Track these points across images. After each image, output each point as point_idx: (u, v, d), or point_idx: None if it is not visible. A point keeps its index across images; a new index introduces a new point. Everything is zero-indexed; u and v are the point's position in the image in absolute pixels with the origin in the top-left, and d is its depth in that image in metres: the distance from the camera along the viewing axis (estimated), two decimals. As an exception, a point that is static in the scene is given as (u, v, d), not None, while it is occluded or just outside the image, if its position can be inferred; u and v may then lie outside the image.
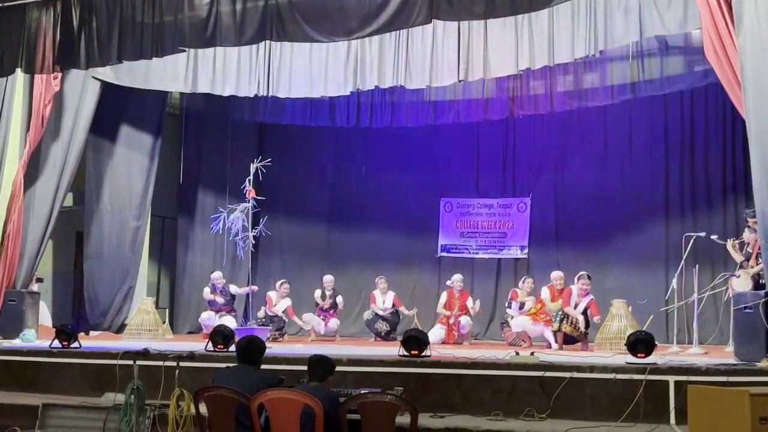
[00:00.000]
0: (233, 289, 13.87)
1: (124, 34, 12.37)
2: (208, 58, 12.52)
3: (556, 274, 12.58)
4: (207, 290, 13.75)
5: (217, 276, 13.76)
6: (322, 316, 13.74)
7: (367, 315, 13.94)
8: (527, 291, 12.85)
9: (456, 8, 11.18)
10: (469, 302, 13.22)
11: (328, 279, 14.07)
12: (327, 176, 16.48)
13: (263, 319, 13.50)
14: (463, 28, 11.30)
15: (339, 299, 13.92)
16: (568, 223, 14.99)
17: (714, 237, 11.20)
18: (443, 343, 12.53)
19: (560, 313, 11.71)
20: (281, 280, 14.08)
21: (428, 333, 10.07)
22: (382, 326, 13.56)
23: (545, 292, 12.46)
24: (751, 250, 10.43)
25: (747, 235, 10.64)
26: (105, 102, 13.19)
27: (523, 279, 13.23)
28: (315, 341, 13.22)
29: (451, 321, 13.02)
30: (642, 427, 7.19)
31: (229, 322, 12.40)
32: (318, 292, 13.99)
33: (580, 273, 12.19)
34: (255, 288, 13.97)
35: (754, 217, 9.99)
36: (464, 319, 12.99)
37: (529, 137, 15.38)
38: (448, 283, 13.54)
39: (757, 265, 9.85)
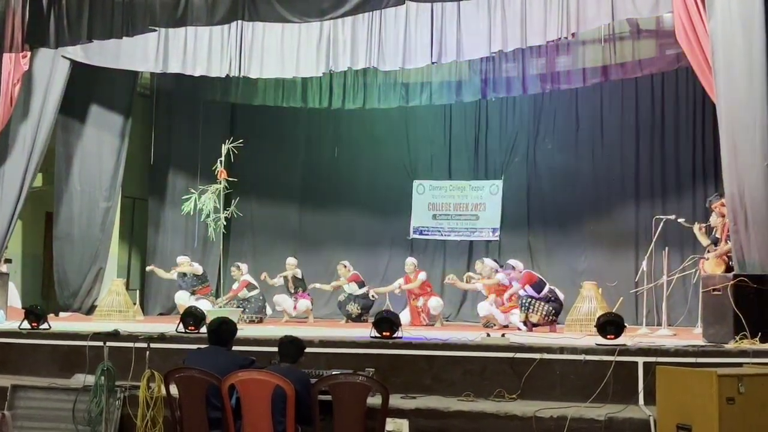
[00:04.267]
0: (196, 267, 13.81)
1: (94, 13, 12.30)
2: (179, 37, 12.40)
3: (514, 262, 12.61)
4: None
5: (182, 260, 13.74)
6: (293, 298, 13.70)
7: (340, 297, 13.93)
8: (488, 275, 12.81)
9: (429, -11, 11.22)
10: (422, 276, 13.21)
11: (290, 262, 13.95)
12: (299, 157, 16.43)
13: (242, 302, 13.43)
14: (436, 10, 11.31)
15: (297, 272, 13.80)
16: (539, 206, 15.04)
17: (681, 220, 11.28)
18: (411, 325, 12.55)
19: (526, 301, 11.69)
20: (238, 263, 14.05)
21: (400, 315, 10.10)
22: (354, 308, 13.55)
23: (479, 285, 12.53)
24: (718, 235, 10.52)
25: (714, 220, 10.73)
26: (75, 81, 13.05)
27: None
28: (288, 322, 13.21)
29: (419, 304, 13.02)
30: (611, 407, 7.24)
31: (205, 305, 12.30)
32: (280, 280, 13.92)
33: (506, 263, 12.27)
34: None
35: (719, 200, 10.08)
36: (434, 301, 13.00)
37: (501, 119, 15.40)
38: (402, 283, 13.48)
39: (726, 245, 9.94)
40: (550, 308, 11.62)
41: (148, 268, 14.42)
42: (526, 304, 11.62)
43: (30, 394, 8.22)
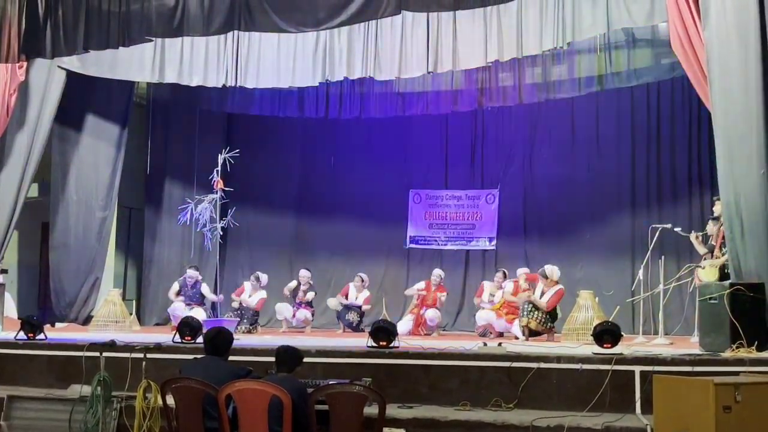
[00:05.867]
0: (205, 289, 13.73)
1: (90, 23, 12.32)
2: (175, 47, 12.42)
3: (522, 271, 12.68)
4: (176, 286, 13.63)
5: (192, 274, 13.65)
6: (295, 307, 13.68)
7: (333, 305, 13.89)
8: (498, 284, 12.91)
9: (425, -1, 11.25)
10: (442, 297, 13.30)
11: (305, 275, 13.97)
12: (295, 167, 16.43)
13: (238, 311, 13.41)
14: (432, 20, 11.32)
15: (309, 295, 13.80)
16: (536, 215, 15.06)
17: (677, 229, 11.30)
18: (411, 334, 12.57)
19: (527, 306, 11.75)
20: (256, 274, 14.00)
21: (397, 324, 10.11)
22: (353, 317, 13.56)
23: (509, 287, 12.54)
24: (714, 243, 10.53)
25: (710, 228, 10.74)
26: (71, 91, 13.06)
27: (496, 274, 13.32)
28: (285, 332, 13.20)
29: (421, 312, 13.05)
30: (608, 416, 7.24)
31: (199, 314, 12.30)
32: (293, 283, 13.88)
33: (540, 270, 12.30)
34: (221, 297, 13.88)
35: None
36: (431, 312, 13.01)
37: (497, 129, 15.43)
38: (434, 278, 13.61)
39: (722, 255, 9.95)
40: (546, 315, 11.70)
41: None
42: (528, 308, 11.67)
43: (26, 404, 8.21)
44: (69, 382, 8.73)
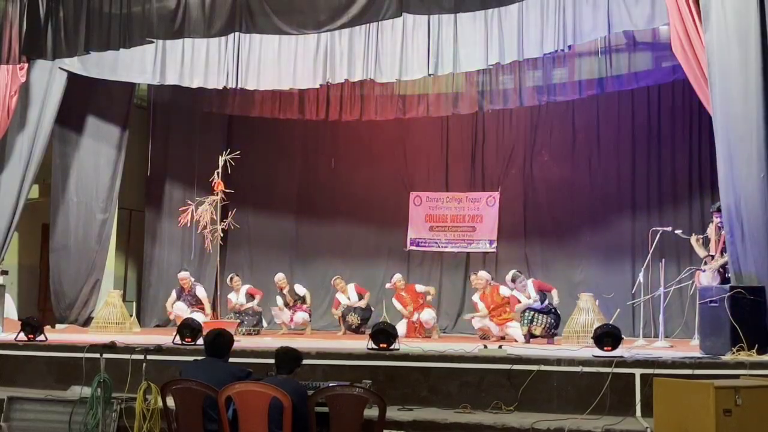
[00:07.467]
0: (200, 292, 13.61)
1: (91, 25, 12.34)
2: (176, 49, 12.42)
3: (482, 274, 12.73)
4: (173, 296, 13.55)
5: (183, 276, 13.55)
6: (291, 311, 13.65)
7: (338, 310, 13.86)
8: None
9: (426, 2, 11.27)
10: (419, 287, 13.25)
11: (279, 278, 13.83)
12: (296, 169, 16.43)
13: (239, 314, 13.38)
14: (433, 22, 11.33)
15: (298, 288, 13.72)
16: (536, 217, 15.05)
17: (678, 232, 11.29)
18: (406, 337, 12.53)
19: (527, 314, 11.70)
20: (230, 275, 13.95)
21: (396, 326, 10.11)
22: (354, 319, 13.53)
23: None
24: (713, 248, 10.51)
25: (711, 231, 10.73)
26: (72, 93, 13.07)
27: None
28: (285, 334, 13.19)
29: (414, 318, 13.02)
30: (608, 419, 7.24)
31: (200, 318, 12.25)
32: (279, 300, 13.81)
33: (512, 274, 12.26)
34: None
35: (718, 210, 10.05)
36: (426, 314, 12.98)
37: (498, 131, 15.43)
38: (388, 286, 13.56)
39: (722, 258, 9.94)
40: (551, 320, 11.65)
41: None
42: (529, 318, 11.62)
43: (26, 405, 8.20)
44: (69, 384, 8.75)
